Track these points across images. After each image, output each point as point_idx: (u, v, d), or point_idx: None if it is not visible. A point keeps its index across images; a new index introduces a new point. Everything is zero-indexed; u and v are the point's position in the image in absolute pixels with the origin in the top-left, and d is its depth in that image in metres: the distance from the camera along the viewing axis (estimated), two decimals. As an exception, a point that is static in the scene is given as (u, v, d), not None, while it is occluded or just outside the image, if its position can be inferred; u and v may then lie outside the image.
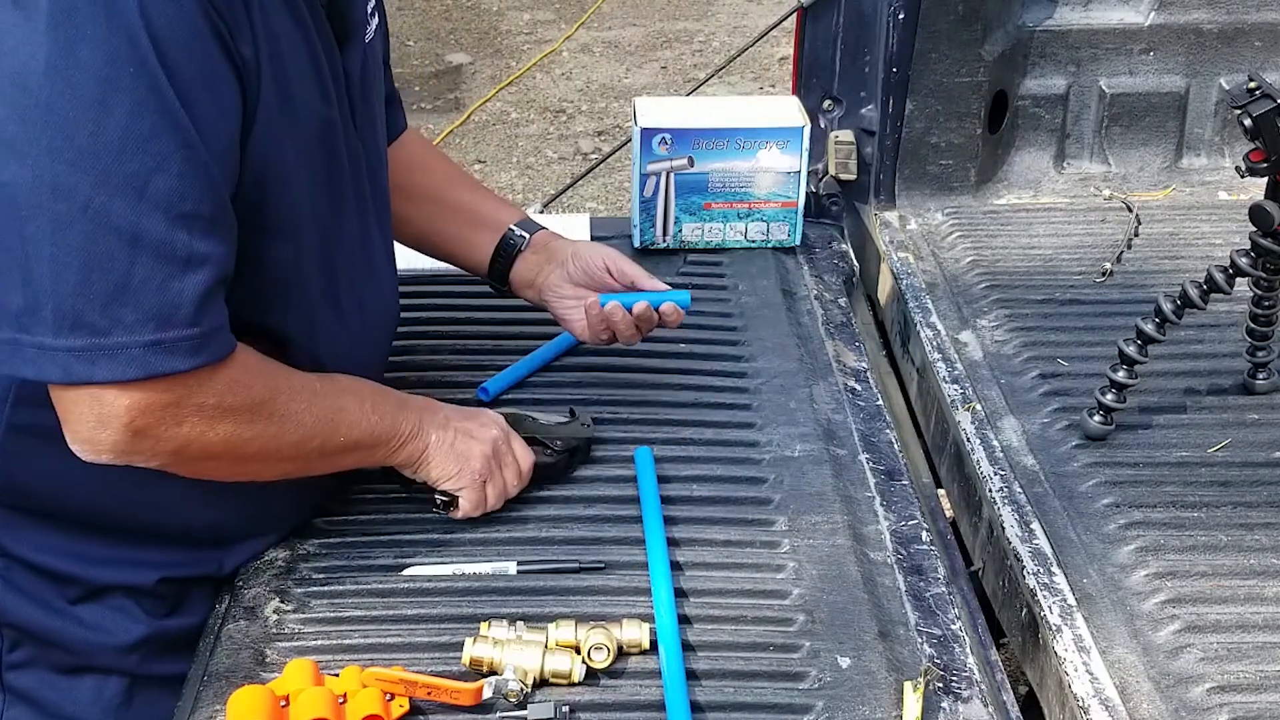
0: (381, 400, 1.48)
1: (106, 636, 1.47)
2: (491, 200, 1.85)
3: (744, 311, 2.06)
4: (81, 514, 1.42)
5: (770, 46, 5.50)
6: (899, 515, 1.68)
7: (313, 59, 1.35)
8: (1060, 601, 1.55)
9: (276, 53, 1.27)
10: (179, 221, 1.19)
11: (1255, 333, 1.86)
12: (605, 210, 4.68)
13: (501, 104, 5.53)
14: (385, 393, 1.51)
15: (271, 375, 1.36)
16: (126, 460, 1.28)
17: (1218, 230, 2.30)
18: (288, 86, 1.30)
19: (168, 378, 1.23)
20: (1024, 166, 2.49)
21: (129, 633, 1.47)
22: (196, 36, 1.17)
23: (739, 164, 2.15)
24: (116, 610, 1.47)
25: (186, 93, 1.17)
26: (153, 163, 1.16)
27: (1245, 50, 2.42)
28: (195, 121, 1.18)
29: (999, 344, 2.03)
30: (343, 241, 1.47)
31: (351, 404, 1.44)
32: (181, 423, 1.27)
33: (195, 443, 1.30)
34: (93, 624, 1.46)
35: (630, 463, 1.68)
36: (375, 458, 1.50)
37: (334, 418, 1.41)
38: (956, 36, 2.28)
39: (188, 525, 1.48)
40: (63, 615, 1.46)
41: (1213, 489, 1.71)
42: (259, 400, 1.33)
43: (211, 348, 1.26)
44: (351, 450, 1.45)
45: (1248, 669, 1.44)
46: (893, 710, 1.35)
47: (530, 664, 1.34)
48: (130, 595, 1.47)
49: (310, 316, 1.44)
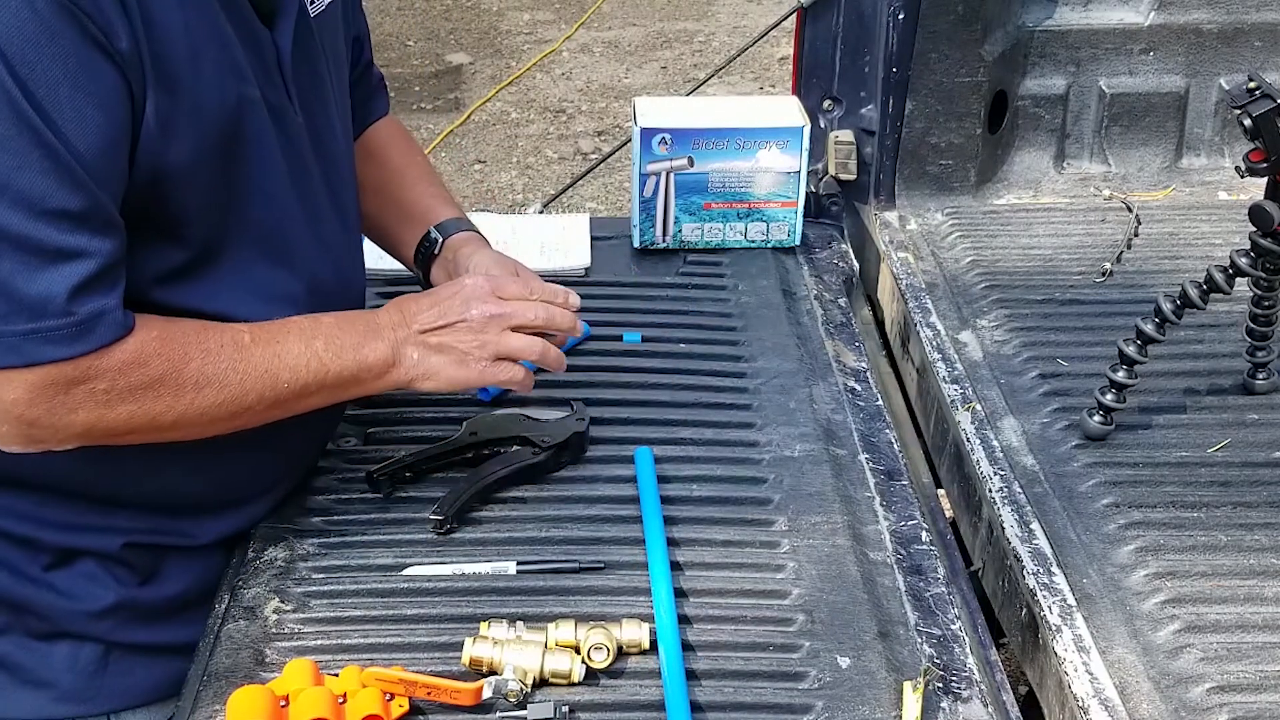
0: (339, 334, 1.47)
1: (78, 603, 1.48)
2: (429, 196, 1.81)
3: (744, 311, 2.06)
4: (45, 480, 1.44)
5: (770, 46, 5.51)
6: (899, 515, 1.68)
7: (219, 39, 1.34)
8: (1060, 601, 1.55)
9: (165, 38, 1.28)
10: (44, 218, 1.22)
11: (1255, 333, 1.86)
12: (605, 210, 4.69)
13: (501, 104, 5.54)
14: (347, 324, 1.49)
15: (179, 345, 1.35)
16: (38, 448, 1.32)
17: (1217, 230, 2.30)
18: (182, 71, 1.30)
19: (48, 366, 1.26)
20: (1024, 166, 2.49)
21: (99, 599, 1.49)
22: (55, 38, 1.19)
23: (739, 164, 2.15)
24: (87, 577, 1.49)
25: (46, 95, 1.20)
26: (13, 163, 1.20)
27: (1245, 50, 2.42)
28: (58, 122, 1.21)
29: (999, 344, 2.03)
30: (280, 219, 1.46)
31: (295, 348, 1.43)
32: (76, 409, 1.29)
33: (97, 425, 1.32)
34: (64, 590, 1.48)
35: (630, 463, 1.68)
36: (353, 392, 1.51)
37: (270, 367, 1.40)
38: (956, 36, 2.28)
39: (147, 491, 1.49)
40: (35, 582, 1.47)
41: (1212, 489, 1.71)
42: (159, 375, 1.33)
43: (92, 336, 1.27)
44: (312, 393, 1.45)
45: (1247, 669, 1.44)
46: (892, 710, 1.35)
47: (530, 664, 1.34)
48: (100, 561, 1.49)
49: (250, 292, 1.44)
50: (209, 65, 1.33)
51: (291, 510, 1.61)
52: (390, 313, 1.53)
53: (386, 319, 1.52)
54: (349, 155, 1.62)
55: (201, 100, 1.33)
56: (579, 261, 2.17)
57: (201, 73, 1.32)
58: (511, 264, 1.70)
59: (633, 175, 2.17)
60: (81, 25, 1.20)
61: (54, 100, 1.20)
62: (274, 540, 1.57)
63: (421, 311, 1.53)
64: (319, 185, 1.52)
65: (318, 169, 1.52)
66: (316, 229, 1.52)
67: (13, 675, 1.50)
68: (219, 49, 1.35)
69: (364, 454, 1.71)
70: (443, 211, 1.78)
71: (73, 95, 1.21)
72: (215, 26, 1.34)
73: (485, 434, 1.69)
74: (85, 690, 1.51)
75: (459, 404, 1.80)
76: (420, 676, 1.31)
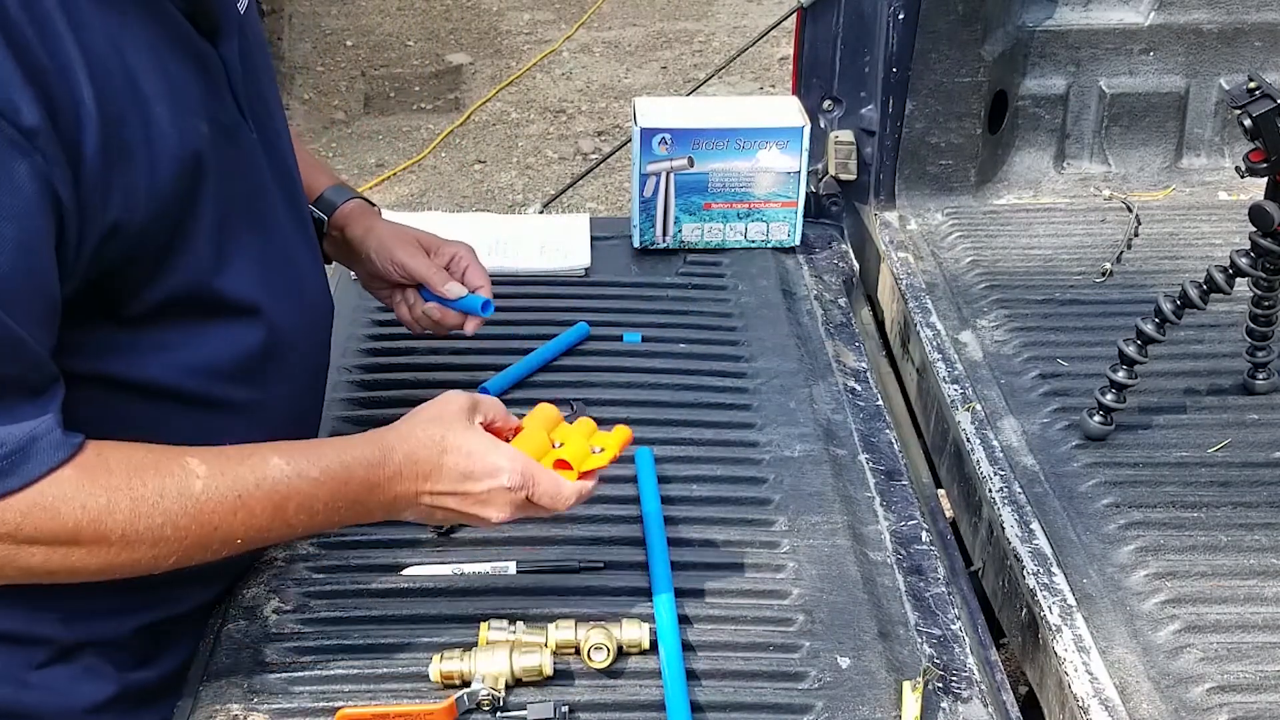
0: (318, 504, 1.26)
1: (75, 699, 1.38)
2: (303, 168, 1.60)
3: (744, 311, 2.06)
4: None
5: (770, 46, 5.51)
6: (899, 515, 1.68)
7: (165, 77, 1.21)
8: (1060, 602, 1.55)
9: (111, 99, 1.14)
10: None
11: (1255, 333, 1.86)
12: (605, 210, 4.69)
13: (501, 104, 5.53)
14: (332, 495, 1.27)
15: (101, 489, 1.16)
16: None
17: (1217, 230, 2.30)
18: (133, 133, 1.16)
19: None
20: (1024, 167, 2.49)
21: (100, 692, 1.39)
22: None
23: (739, 164, 2.15)
24: (87, 670, 1.38)
25: None
26: None
27: (1245, 50, 2.42)
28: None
29: (999, 344, 2.03)
30: (244, 251, 1.34)
31: (260, 511, 1.22)
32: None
33: (9, 566, 1.16)
34: (60, 689, 1.37)
35: (630, 463, 1.68)
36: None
37: (224, 524, 1.21)
38: (956, 36, 2.28)
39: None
40: (26, 685, 1.36)
41: (1212, 489, 1.71)
42: (73, 527, 1.15)
43: (29, 465, 1.12)
44: (274, 544, 1.36)
45: (1247, 669, 1.44)
46: (892, 710, 1.35)
47: (499, 668, 1.34)
48: (101, 651, 1.39)
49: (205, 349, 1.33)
50: (163, 118, 1.20)
51: (291, 510, 1.61)
52: (404, 479, 1.30)
53: (391, 488, 1.30)
54: (294, 157, 1.51)
55: (158, 156, 1.19)
56: (579, 261, 2.17)
57: (155, 125, 1.19)
58: (413, 239, 1.66)
59: (633, 175, 2.17)
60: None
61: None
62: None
63: (445, 494, 1.32)
64: (280, 203, 1.43)
65: (275, 185, 1.42)
66: (282, 258, 1.42)
67: None
68: (169, 91, 1.21)
69: (364, 454, 1.70)
70: (314, 182, 1.68)
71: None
72: (161, 67, 1.21)
73: None
74: None
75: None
76: (391, 707, 1.31)
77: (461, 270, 1.72)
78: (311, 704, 1.34)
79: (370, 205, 1.74)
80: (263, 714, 1.33)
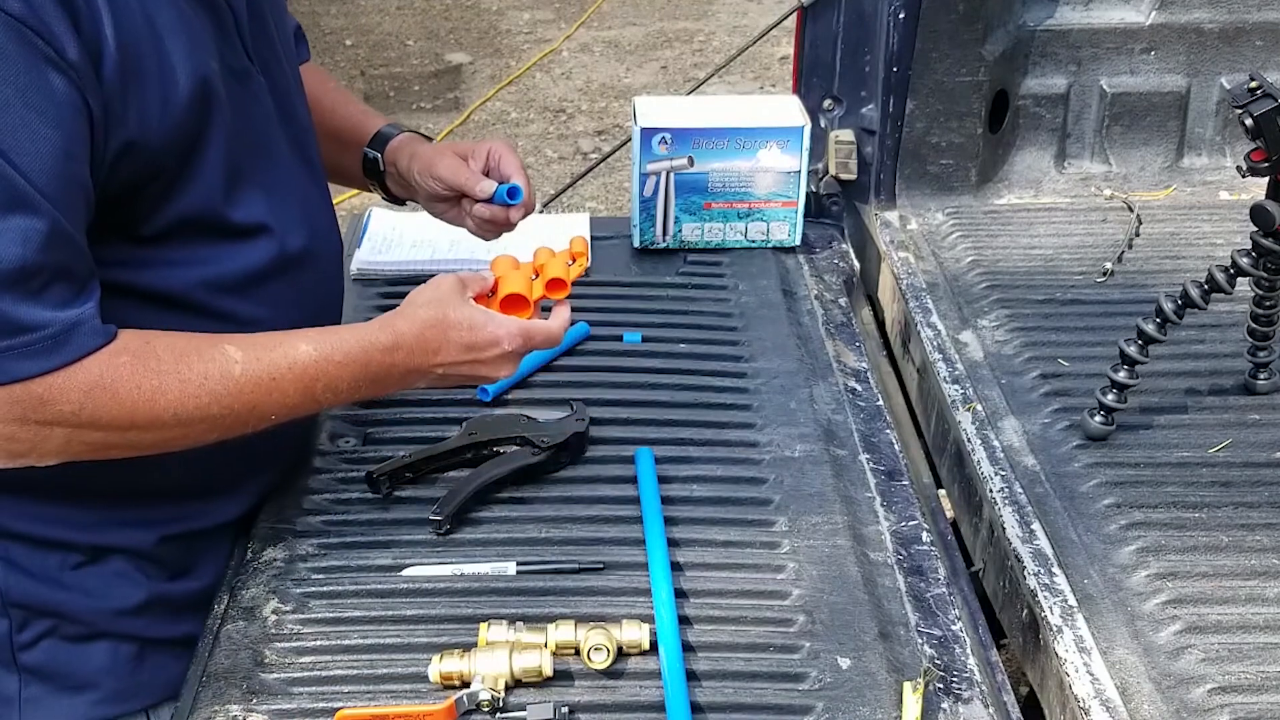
0: (344, 376, 1.41)
1: (110, 602, 1.48)
2: (352, 118, 1.80)
3: (744, 311, 2.06)
4: (73, 481, 1.41)
5: (770, 46, 5.50)
6: (899, 516, 1.68)
7: (180, 18, 1.33)
8: (1061, 602, 1.55)
9: (130, 37, 1.26)
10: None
11: (1256, 333, 1.86)
12: (605, 210, 4.68)
13: (501, 104, 5.53)
14: (356, 365, 1.42)
15: (152, 374, 1.29)
16: (21, 463, 1.30)
17: (1219, 230, 2.30)
18: (148, 64, 1.28)
19: (19, 385, 1.22)
20: (1025, 166, 2.49)
21: (131, 597, 1.49)
22: (4, 59, 1.18)
23: (739, 164, 2.15)
24: (118, 575, 1.48)
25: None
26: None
27: (1246, 50, 2.42)
28: (6, 143, 1.18)
29: (1000, 344, 2.03)
30: (251, 189, 1.45)
31: (291, 389, 1.37)
32: (51, 428, 1.26)
33: (73, 443, 1.29)
34: (95, 591, 1.47)
35: (630, 463, 1.68)
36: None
37: (260, 404, 1.36)
38: (957, 36, 2.28)
39: (177, 478, 1.48)
40: (65, 586, 1.46)
41: (1214, 489, 1.71)
42: (130, 406, 1.28)
43: (69, 346, 1.24)
44: (300, 418, 1.44)
45: (1249, 670, 1.44)
46: (893, 711, 1.35)
47: (498, 669, 1.34)
48: (130, 558, 1.49)
49: (220, 271, 1.43)
50: (176, 49, 1.31)
51: (291, 511, 1.61)
52: (414, 352, 1.46)
53: (406, 361, 1.46)
54: (305, 106, 1.61)
55: (170, 86, 1.31)
56: (579, 261, 2.16)
57: (167, 57, 1.31)
58: (449, 152, 1.72)
59: (633, 175, 2.17)
60: (30, 43, 1.19)
61: (5, 122, 1.18)
62: (273, 541, 1.56)
63: (458, 362, 1.49)
64: (286, 146, 1.52)
65: (282, 130, 1.52)
66: (288, 192, 1.51)
67: (51, 683, 1.49)
68: (181, 28, 1.33)
69: (364, 454, 1.70)
70: (368, 124, 1.78)
71: (24, 114, 1.19)
72: (175, 6, 1.33)
73: (485, 434, 1.68)
74: (126, 689, 1.51)
75: (459, 404, 1.80)
76: (391, 708, 1.31)
77: (497, 166, 1.74)
78: (311, 705, 1.34)
79: (421, 137, 1.79)
80: (262, 714, 1.33)
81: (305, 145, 1.57)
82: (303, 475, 1.66)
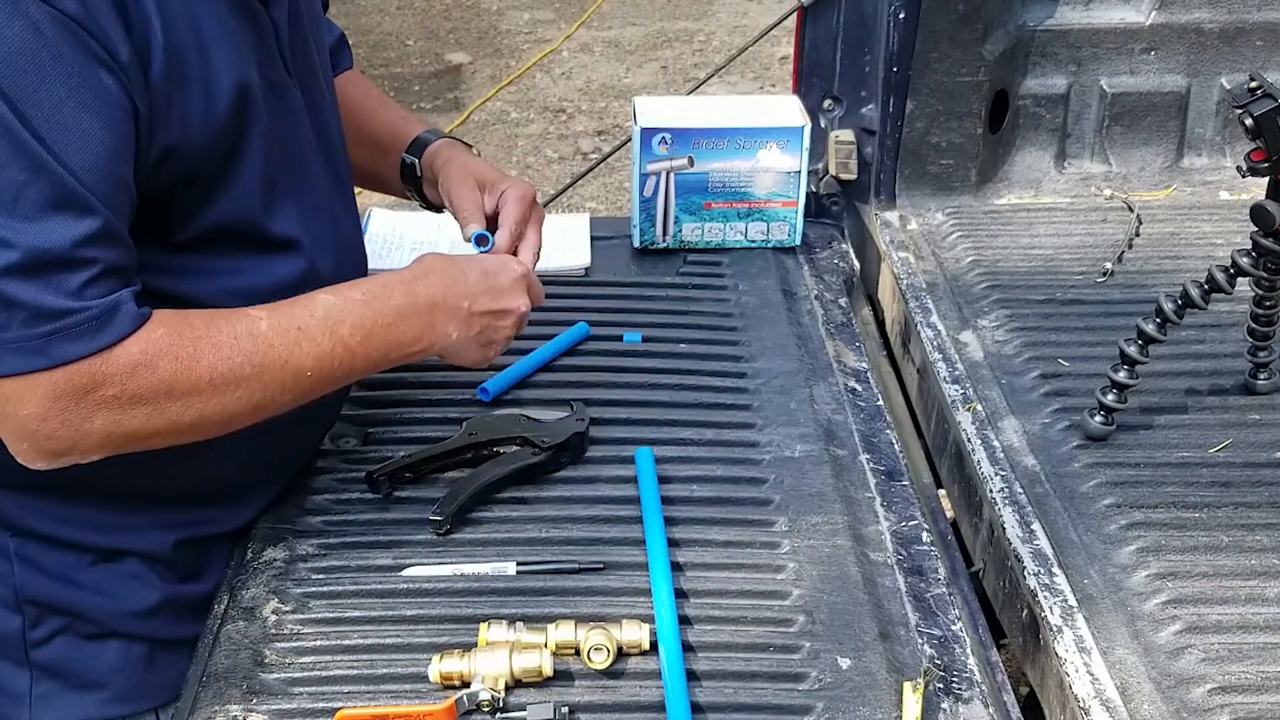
0: (368, 314, 1.43)
1: (124, 603, 1.50)
2: (392, 124, 1.81)
3: (744, 311, 2.06)
4: (91, 484, 1.43)
5: (770, 46, 5.50)
6: (899, 516, 1.68)
7: (223, 26, 1.36)
8: (1061, 602, 1.55)
9: (176, 39, 1.29)
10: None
11: (1256, 333, 1.86)
12: (605, 210, 4.68)
13: (501, 104, 5.53)
14: (377, 300, 1.45)
15: (187, 342, 1.31)
16: (62, 461, 1.31)
17: (1219, 230, 2.30)
18: (191, 68, 1.31)
19: (62, 370, 1.24)
20: (1025, 166, 2.49)
21: (145, 598, 1.50)
22: (59, 59, 1.20)
23: (739, 164, 2.15)
24: (133, 576, 1.50)
25: (46, 117, 1.20)
26: (21, 177, 1.19)
27: (1246, 50, 2.42)
28: (58, 142, 1.20)
29: (1000, 344, 2.03)
30: (283, 201, 1.46)
31: (318, 335, 1.39)
32: (91, 418, 1.27)
33: (115, 432, 1.30)
34: (110, 591, 1.49)
35: (630, 463, 1.68)
36: (380, 369, 1.51)
37: (291, 358, 1.37)
38: (957, 36, 2.28)
39: (188, 485, 1.50)
40: (80, 585, 1.48)
41: (1214, 489, 1.71)
42: (169, 377, 1.30)
43: (111, 328, 1.25)
44: (339, 380, 1.45)
45: (1249, 670, 1.44)
46: (893, 711, 1.35)
47: (498, 669, 1.34)
48: (146, 561, 1.50)
49: (248, 280, 1.44)
50: (219, 56, 1.34)
51: (291, 511, 1.61)
52: (433, 283, 1.50)
53: (427, 291, 1.49)
54: (339, 121, 1.63)
55: (213, 92, 1.34)
56: (579, 261, 2.16)
57: (211, 64, 1.33)
58: (470, 175, 1.71)
59: (633, 175, 2.17)
60: (84, 43, 1.21)
61: (57, 121, 1.20)
62: (273, 541, 1.56)
63: (478, 294, 1.53)
64: (320, 163, 1.54)
65: (317, 146, 1.53)
66: (320, 209, 1.52)
67: (62, 681, 1.50)
68: (224, 36, 1.36)
69: (364, 454, 1.70)
70: (408, 130, 1.79)
71: (76, 114, 1.21)
72: (219, 14, 1.35)
73: (485, 434, 1.68)
74: (136, 689, 1.52)
75: (459, 404, 1.80)
76: (391, 708, 1.31)
77: (502, 209, 1.71)
78: (311, 705, 1.34)
79: (460, 143, 1.79)
80: (262, 714, 1.33)
81: (338, 165, 1.59)
82: (303, 475, 1.66)
